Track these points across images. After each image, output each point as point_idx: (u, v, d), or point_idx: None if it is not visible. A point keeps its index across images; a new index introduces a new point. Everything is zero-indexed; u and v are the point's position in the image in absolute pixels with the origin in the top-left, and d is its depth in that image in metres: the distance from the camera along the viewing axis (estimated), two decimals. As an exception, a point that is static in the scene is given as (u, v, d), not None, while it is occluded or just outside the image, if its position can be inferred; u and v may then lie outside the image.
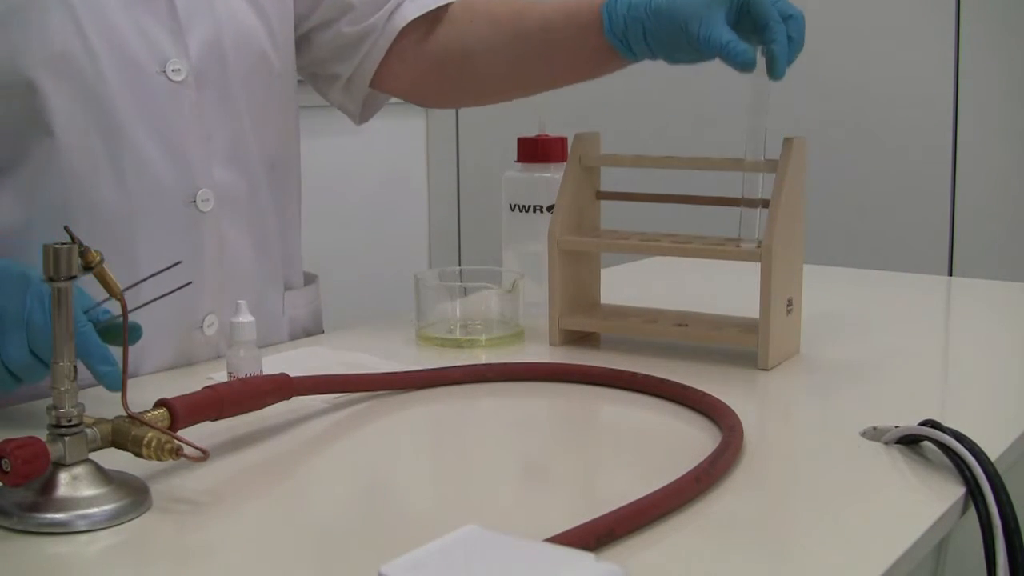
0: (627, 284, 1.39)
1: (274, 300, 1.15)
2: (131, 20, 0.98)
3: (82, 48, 0.94)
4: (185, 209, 1.01)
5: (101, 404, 0.77)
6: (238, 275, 1.08)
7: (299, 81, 1.28)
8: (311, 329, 1.23)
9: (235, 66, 1.06)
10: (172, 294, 0.86)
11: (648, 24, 1.04)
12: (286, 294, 1.17)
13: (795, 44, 0.99)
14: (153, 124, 0.99)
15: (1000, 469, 0.71)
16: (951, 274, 2.17)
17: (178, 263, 0.85)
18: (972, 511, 0.70)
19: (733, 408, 0.83)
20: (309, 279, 1.25)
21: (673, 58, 1.06)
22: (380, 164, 2.80)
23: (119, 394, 0.70)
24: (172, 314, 0.98)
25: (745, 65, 0.98)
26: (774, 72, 0.98)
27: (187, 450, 0.68)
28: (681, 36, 1.02)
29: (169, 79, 0.99)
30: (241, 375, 0.91)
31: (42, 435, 0.66)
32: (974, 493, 0.70)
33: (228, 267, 1.07)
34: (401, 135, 2.87)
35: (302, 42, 1.19)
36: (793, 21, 0.99)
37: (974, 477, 0.70)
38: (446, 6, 1.18)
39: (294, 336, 1.19)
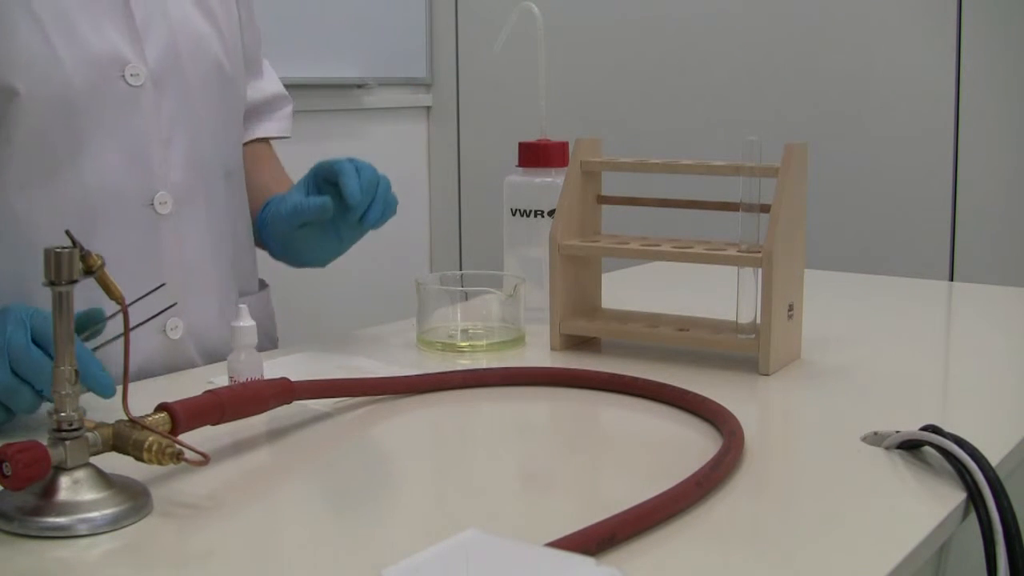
0: (628, 288, 1.39)
1: (232, 307, 1.16)
2: (93, 25, 1.00)
3: (46, 52, 0.97)
4: (143, 211, 1.04)
5: (102, 408, 0.77)
6: (198, 278, 1.11)
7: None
8: (271, 333, 1.27)
9: (191, 72, 1.09)
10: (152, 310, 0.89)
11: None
12: (242, 300, 1.18)
13: (374, 195, 1.06)
14: (113, 127, 1.02)
15: (1001, 474, 0.71)
16: (952, 279, 2.17)
17: (163, 285, 0.89)
18: (973, 516, 0.70)
19: (734, 413, 0.83)
20: (261, 285, 1.28)
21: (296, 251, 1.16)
22: (381, 168, 2.79)
23: (120, 398, 0.70)
24: (132, 318, 0.96)
25: (323, 209, 1.05)
26: (346, 196, 1.04)
27: (188, 454, 0.68)
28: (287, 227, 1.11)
29: (128, 84, 1.02)
30: (242, 379, 0.91)
31: (43, 439, 0.66)
32: (975, 498, 0.70)
33: (188, 270, 1.09)
34: (402, 139, 2.87)
35: None
36: (364, 170, 1.06)
37: (975, 482, 0.70)
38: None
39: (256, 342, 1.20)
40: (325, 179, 1.08)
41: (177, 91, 1.07)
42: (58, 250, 0.65)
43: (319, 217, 1.06)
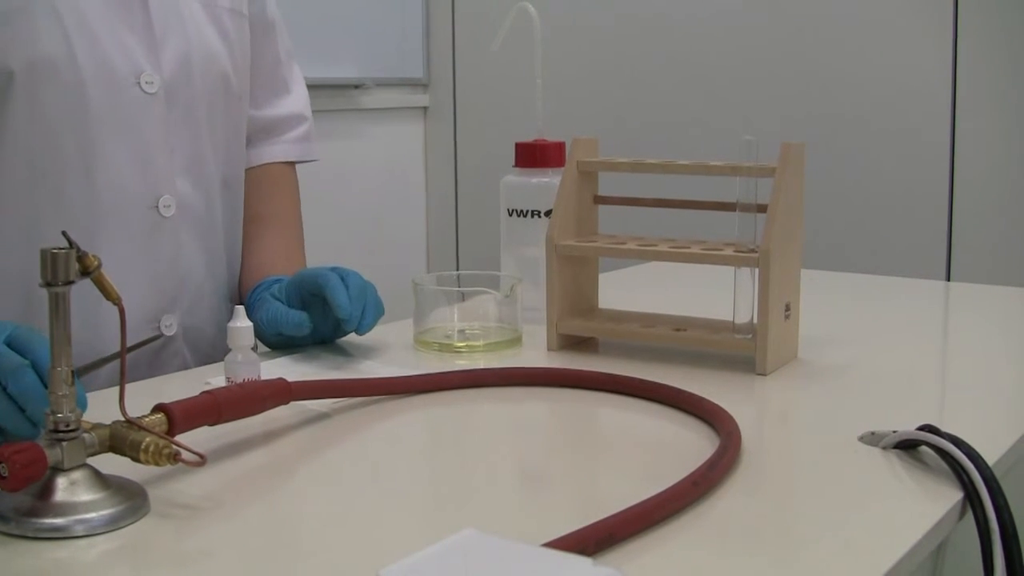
0: (625, 288, 1.39)
1: (224, 311, 1.18)
2: (111, 31, 1.02)
3: (66, 54, 0.99)
4: (148, 213, 1.06)
5: (99, 409, 0.77)
6: (192, 283, 1.13)
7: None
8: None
9: (200, 85, 1.11)
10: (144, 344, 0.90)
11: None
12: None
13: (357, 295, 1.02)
14: (124, 132, 1.04)
15: (998, 474, 0.71)
16: (949, 279, 2.17)
17: (160, 335, 0.94)
18: (970, 516, 0.70)
19: (731, 413, 0.83)
20: None
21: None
22: (379, 168, 2.80)
23: (117, 399, 0.70)
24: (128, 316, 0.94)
25: (300, 326, 1.03)
26: (338, 312, 1.01)
27: (185, 455, 0.68)
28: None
29: (143, 91, 1.04)
30: (239, 380, 0.91)
31: (40, 440, 0.66)
32: (972, 498, 0.70)
33: (183, 273, 1.11)
34: (399, 140, 2.87)
35: None
36: (350, 278, 1.03)
37: (972, 482, 0.70)
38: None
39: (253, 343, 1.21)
40: (310, 292, 1.05)
41: (186, 102, 1.10)
42: (55, 251, 0.65)
43: (295, 333, 1.05)
